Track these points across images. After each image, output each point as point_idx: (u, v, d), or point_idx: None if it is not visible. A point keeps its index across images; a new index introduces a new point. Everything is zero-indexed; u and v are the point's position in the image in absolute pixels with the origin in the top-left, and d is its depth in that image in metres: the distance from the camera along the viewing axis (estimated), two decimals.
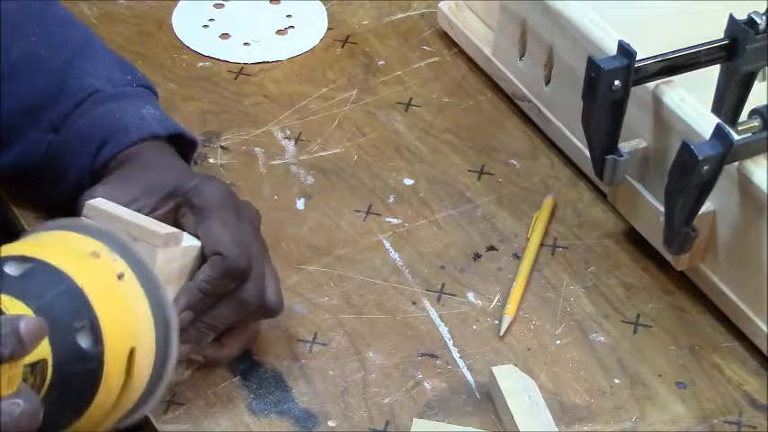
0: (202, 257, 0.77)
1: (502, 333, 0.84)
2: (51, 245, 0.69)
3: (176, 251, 0.75)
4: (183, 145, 0.87)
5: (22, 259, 0.67)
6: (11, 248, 0.68)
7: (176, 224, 0.78)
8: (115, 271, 0.68)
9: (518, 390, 0.78)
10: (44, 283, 0.66)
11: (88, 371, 0.66)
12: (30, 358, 0.63)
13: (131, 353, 0.67)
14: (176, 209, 0.79)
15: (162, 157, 0.84)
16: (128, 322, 0.68)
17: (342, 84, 1.04)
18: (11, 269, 0.66)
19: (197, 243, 0.77)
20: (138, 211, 0.77)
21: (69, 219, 0.72)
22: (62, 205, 0.83)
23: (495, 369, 0.79)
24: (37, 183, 0.86)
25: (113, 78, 0.87)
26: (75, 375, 0.66)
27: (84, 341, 0.66)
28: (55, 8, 0.90)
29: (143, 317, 0.69)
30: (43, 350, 0.64)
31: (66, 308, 0.66)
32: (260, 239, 0.80)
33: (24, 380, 0.63)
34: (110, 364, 0.66)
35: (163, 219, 0.78)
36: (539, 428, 0.76)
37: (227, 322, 0.78)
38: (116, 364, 0.67)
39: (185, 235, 0.77)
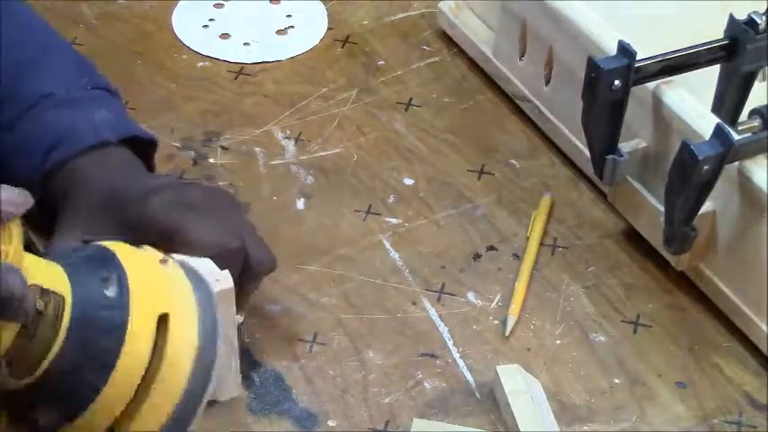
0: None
1: (507, 333, 0.84)
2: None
3: None
4: (143, 144, 0.84)
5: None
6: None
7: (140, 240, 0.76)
8: (158, 256, 0.68)
9: (521, 390, 0.78)
10: (78, 249, 0.66)
11: (112, 319, 0.64)
12: (44, 283, 0.62)
13: (165, 318, 0.65)
14: (135, 235, 0.76)
15: (115, 162, 0.81)
16: (162, 287, 0.66)
17: (342, 84, 1.04)
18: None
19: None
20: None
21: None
22: None
23: (499, 368, 0.79)
24: None
25: (69, 82, 0.84)
26: (98, 322, 0.64)
27: (109, 290, 0.64)
28: (14, 9, 0.87)
29: (184, 290, 0.67)
30: (59, 283, 0.63)
31: (95, 260, 0.65)
32: (222, 205, 0.79)
33: (35, 307, 0.61)
34: (137, 319, 0.64)
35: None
36: (540, 429, 0.76)
37: (249, 296, 0.78)
38: (145, 323, 0.64)
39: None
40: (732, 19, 0.85)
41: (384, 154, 0.98)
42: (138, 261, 0.67)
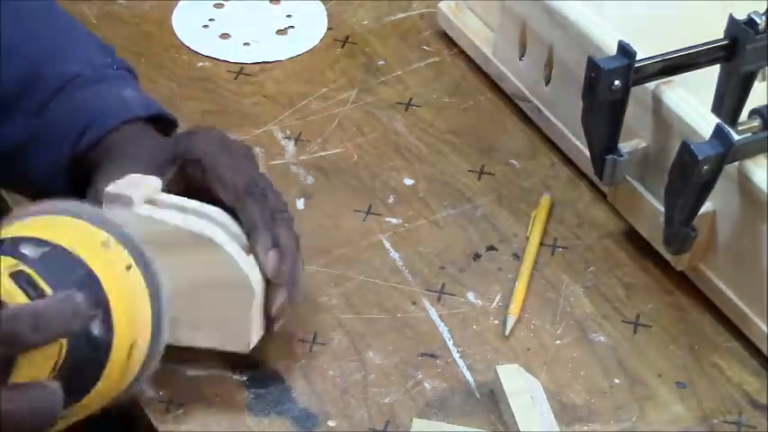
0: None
1: (507, 333, 0.84)
2: (63, 230, 0.69)
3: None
4: (164, 126, 0.87)
5: (38, 242, 0.67)
6: (22, 229, 0.68)
7: (186, 183, 0.80)
8: (124, 262, 0.69)
9: (521, 390, 0.78)
10: (63, 268, 0.66)
11: (96, 359, 0.66)
12: None
13: (132, 345, 0.68)
14: (181, 169, 0.80)
15: (147, 135, 0.84)
16: (133, 314, 0.68)
17: (342, 84, 1.04)
18: (29, 251, 0.66)
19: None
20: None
21: (74, 203, 0.72)
22: (34, 194, 0.83)
23: (499, 368, 0.79)
24: (11, 168, 0.86)
25: (94, 62, 0.87)
26: (84, 362, 0.66)
27: (96, 329, 0.66)
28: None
29: (144, 310, 0.69)
30: None
31: (87, 294, 0.65)
32: (255, 167, 0.82)
33: None
34: (115, 354, 0.66)
35: (173, 182, 0.80)
36: (540, 429, 0.76)
37: (295, 246, 0.79)
38: (120, 355, 0.67)
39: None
40: (732, 19, 0.85)
41: (384, 154, 0.98)
42: (114, 282, 0.68)
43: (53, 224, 0.69)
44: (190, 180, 0.80)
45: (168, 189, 0.79)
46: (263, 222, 0.78)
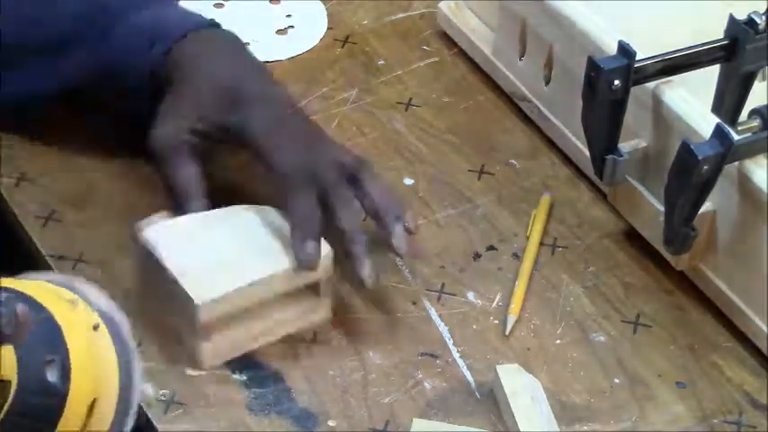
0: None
1: (507, 333, 0.84)
2: (31, 285, 0.67)
3: None
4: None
5: (4, 289, 0.65)
6: None
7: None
8: (91, 321, 0.67)
9: (521, 390, 0.78)
10: (34, 308, 0.65)
11: (49, 407, 0.64)
12: None
13: (93, 403, 0.66)
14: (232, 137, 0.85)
15: (215, 49, 0.88)
16: (96, 372, 0.66)
17: (342, 84, 1.04)
18: None
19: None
20: (196, 132, 0.85)
21: (51, 274, 0.72)
22: (125, 114, 0.90)
23: (499, 368, 0.79)
24: (98, 93, 0.90)
25: None
26: (36, 409, 0.64)
27: (51, 375, 0.64)
28: None
29: (111, 372, 0.67)
30: (9, 369, 0.62)
31: (42, 338, 0.64)
32: (308, 145, 0.84)
33: None
34: (72, 407, 0.64)
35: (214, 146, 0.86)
36: (539, 429, 0.76)
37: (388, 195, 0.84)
38: (78, 409, 0.65)
39: None
40: (732, 19, 0.85)
41: (384, 154, 0.98)
42: (77, 334, 0.66)
43: (21, 283, 0.68)
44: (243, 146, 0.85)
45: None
46: (303, 213, 0.80)
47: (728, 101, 0.88)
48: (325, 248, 0.80)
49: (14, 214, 0.90)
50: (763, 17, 0.85)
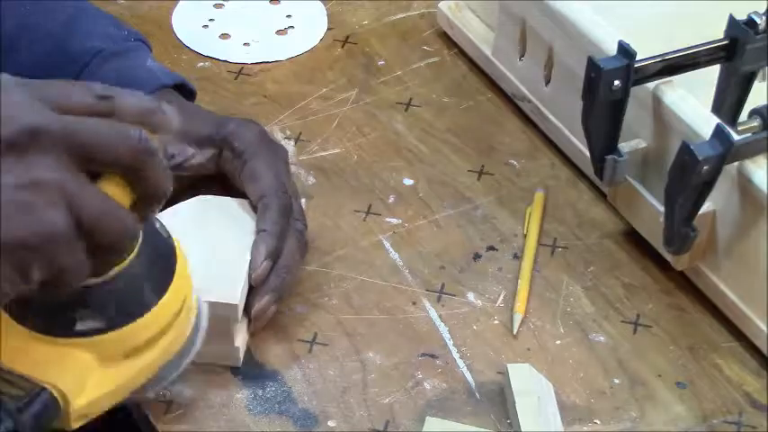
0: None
1: (515, 332, 0.84)
2: None
3: None
4: (185, 94, 0.90)
5: None
6: None
7: (219, 165, 0.84)
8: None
9: (528, 390, 0.78)
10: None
11: (168, 245, 0.68)
12: None
13: (184, 300, 0.69)
14: (218, 153, 0.84)
15: (182, 103, 0.87)
16: (187, 283, 0.70)
17: (342, 84, 1.04)
18: None
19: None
20: (177, 156, 0.83)
21: None
22: None
23: (509, 367, 0.79)
24: None
25: (112, 35, 0.89)
26: (158, 245, 0.67)
27: (161, 230, 0.68)
28: None
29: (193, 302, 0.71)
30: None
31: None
32: (290, 175, 0.86)
33: None
34: (175, 280, 0.68)
35: (206, 164, 0.84)
36: (540, 429, 0.76)
37: (297, 258, 0.82)
38: (180, 283, 0.68)
39: None
40: (732, 19, 0.85)
41: (384, 154, 0.98)
42: (181, 256, 0.70)
43: None
44: (225, 163, 0.84)
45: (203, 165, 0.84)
46: (275, 228, 0.80)
47: (728, 101, 0.88)
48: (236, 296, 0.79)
49: None
50: (763, 17, 0.85)
